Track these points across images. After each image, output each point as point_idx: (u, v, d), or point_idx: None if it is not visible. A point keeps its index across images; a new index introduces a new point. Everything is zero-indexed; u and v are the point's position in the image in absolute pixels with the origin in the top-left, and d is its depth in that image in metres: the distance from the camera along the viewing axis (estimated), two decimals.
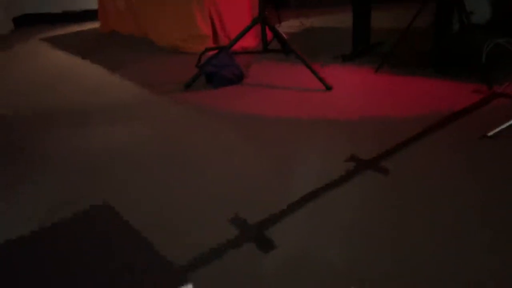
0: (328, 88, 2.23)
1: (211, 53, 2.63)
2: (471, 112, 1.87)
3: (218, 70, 2.42)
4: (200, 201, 1.42)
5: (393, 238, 1.19)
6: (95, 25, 4.33)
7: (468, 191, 1.36)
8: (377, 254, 1.13)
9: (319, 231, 1.24)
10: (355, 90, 2.24)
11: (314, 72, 2.28)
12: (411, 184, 1.42)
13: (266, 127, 1.90)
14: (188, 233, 1.28)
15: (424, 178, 1.44)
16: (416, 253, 1.12)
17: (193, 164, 1.65)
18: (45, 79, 2.86)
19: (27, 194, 1.53)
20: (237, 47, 2.64)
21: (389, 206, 1.32)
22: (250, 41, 3.03)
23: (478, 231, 1.18)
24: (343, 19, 3.21)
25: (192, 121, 2.05)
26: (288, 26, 3.64)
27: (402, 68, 2.45)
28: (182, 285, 0.68)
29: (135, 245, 0.82)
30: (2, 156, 1.84)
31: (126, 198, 1.46)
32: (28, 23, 4.66)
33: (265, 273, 1.11)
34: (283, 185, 1.47)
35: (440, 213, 1.27)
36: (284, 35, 2.57)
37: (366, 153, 1.59)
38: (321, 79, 2.25)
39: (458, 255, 1.11)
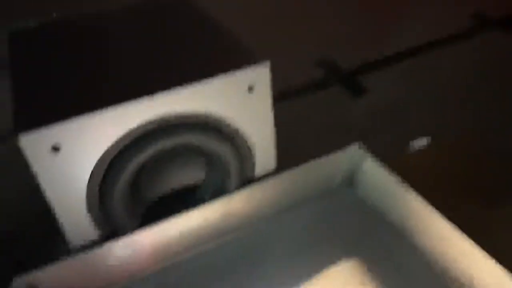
0: None
1: None
2: None
3: None
4: (290, 39, 1.27)
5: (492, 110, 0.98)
6: None
7: None
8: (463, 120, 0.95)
9: (415, 86, 1.06)
10: None
11: None
12: None
13: None
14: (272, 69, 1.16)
15: None
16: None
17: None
18: None
19: None
20: None
21: (500, 73, 1.09)
22: None
23: None
24: None
25: None
26: None
27: None
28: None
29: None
30: None
31: None
32: None
33: (348, 116, 0.98)
34: (386, 35, 1.27)
35: None
36: None
37: (493, 11, 1.31)
38: None
39: None
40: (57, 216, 0.55)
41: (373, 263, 0.58)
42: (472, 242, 0.53)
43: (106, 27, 0.71)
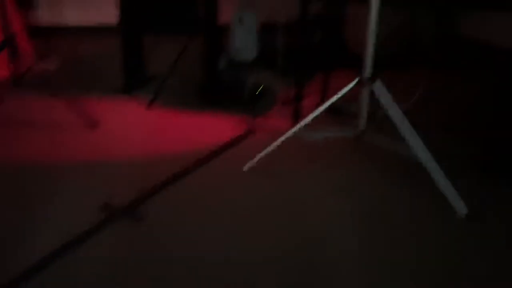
0: (92, 125, 2.03)
1: None
2: (235, 146, 1.89)
3: None
4: None
5: None
6: None
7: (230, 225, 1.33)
8: None
9: None
10: (123, 127, 2.09)
11: (76, 108, 2.04)
12: (164, 230, 1.32)
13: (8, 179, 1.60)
14: None
15: (180, 223, 1.36)
16: None
17: None
18: None
19: None
20: None
21: (138, 260, 1.19)
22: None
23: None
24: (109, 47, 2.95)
25: None
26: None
27: (176, 101, 2.40)
28: None
29: None
30: None
31: None
32: None
33: None
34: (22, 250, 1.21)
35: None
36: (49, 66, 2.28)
37: (122, 199, 1.43)
38: (84, 116, 2.03)
39: None
40: None
41: None
42: None
43: None
